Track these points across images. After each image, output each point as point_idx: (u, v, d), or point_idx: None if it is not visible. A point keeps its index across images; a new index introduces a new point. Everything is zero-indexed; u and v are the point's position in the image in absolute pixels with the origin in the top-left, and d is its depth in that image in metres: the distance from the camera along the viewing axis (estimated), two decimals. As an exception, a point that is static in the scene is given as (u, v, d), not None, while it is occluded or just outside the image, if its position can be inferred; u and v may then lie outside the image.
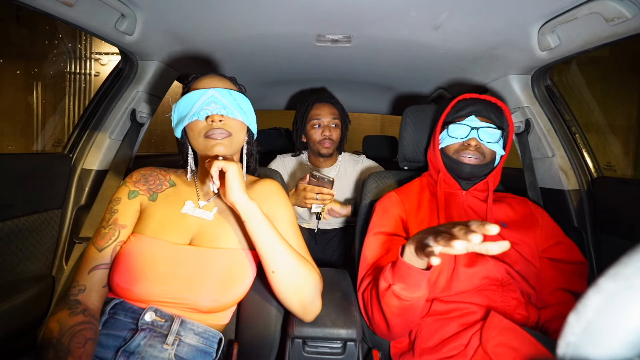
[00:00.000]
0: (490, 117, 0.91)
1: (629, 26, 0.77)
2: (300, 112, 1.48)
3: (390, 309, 0.72)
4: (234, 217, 0.81)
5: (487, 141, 0.90)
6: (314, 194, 1.16)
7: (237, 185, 0.71)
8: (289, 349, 0.80)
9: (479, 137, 0.90)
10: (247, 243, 0.80)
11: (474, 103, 0.93)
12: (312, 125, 1.44)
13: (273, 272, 0.72)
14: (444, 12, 0.92)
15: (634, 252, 0.26)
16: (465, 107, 0.93)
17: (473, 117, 0.91)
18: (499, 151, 0.92)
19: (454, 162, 0.93)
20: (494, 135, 0.90)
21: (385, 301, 0.72)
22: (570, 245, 0.90)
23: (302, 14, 0.96)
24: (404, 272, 0.66)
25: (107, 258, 0.73)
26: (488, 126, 0.90)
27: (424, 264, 0.64)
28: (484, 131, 0.90)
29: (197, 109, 0.76)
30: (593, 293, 0.27)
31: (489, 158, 0.92)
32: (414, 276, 0.65)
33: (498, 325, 0.74)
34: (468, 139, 0.91)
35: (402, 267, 0.66)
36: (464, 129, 0.91)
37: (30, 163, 1.03)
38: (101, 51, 4.34)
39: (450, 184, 0.96)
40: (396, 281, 0.68)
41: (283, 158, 1.59)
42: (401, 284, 0.68)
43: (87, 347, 0.62)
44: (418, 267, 0.64)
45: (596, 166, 1.17)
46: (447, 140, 0.94)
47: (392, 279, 0.69)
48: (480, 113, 0.91)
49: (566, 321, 0.28)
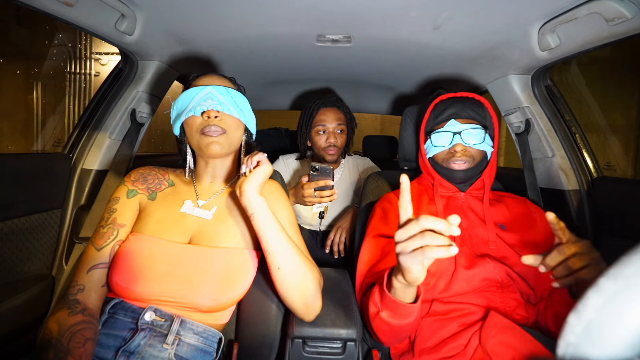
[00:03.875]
0: (470, 116, 0.88)
1: (629, 26, 0.77)
2: (305, 116, 1.44)
3: (381, 331, 0.72)
4: (233, 216, 0.81)
5: (473, 143, 0.88)
6: (312, 190, 1.12)
7: (259, 179, 0.73)
8: (289, 348, 0.80)
9: (463, 140, 0.87)
10: (247, 242, 0.80)
11: (452, 104, 0.90)
12: (317, 131, 1.40)
13: (279, 268, 0.72)
14: (444, 12, 0.92)
15: (634, 252, 0.26)
16: (444, 111, 0.90)
17: (453, 121, 0.88)
18: (487, 149, 0.90)
19: (444, 169, 0.92)
20: (478, 135, 0.88)
21: (375, 325, 0.71)
22: None
23: (302, 14, 0.96)
24: (390, 305, 0.64)
25: (106, 257, 0.73)
26: (471, 127, 0.87)
27: (413, 293, 0.62)
28: (468, 133, 0.87)
29: (194, 105, 0.76)
30: (593, 293, 0.27)
31: (478, 159, 0.90)
32: (402, 309, 0.64)
33: (497, 324, 0.74)
34: (453, 145, 0.88)
35: (388, 300, 0.64)
36: (447, 135, 0.89)
37: (30, 163, 1.03)
38: (101, 51, 4.34)
39: (447, 188, 0.95)
40: (384, 309, 0.66)
41: (286, 159, 1.56)
42: (389, 312, 0.66)
43: (87, 346, 0.62)
44: (406, 300, 0.63)
45: (596, 166, 1.17)
46: (432, 150, 0.93)
47: (381, 305, 0.67)
48: (459, 115, 0.89)
49: (566, 321, 0.28)
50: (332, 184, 1.11)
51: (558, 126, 1.18)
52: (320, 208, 1.46)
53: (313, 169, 1.11)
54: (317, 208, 1.46)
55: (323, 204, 1.39)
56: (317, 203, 1.16)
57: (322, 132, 1.40)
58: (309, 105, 1.43)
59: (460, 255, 0.83)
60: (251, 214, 0.72)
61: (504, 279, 0.82)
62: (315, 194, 1.11)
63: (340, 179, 1.50)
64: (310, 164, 1.51)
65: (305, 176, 1.16)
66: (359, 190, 1.51)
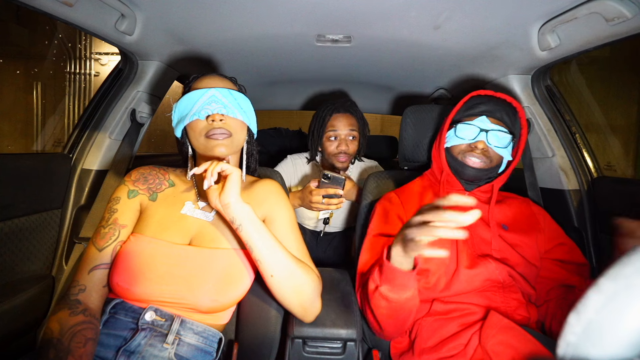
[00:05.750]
0: (502, 119, 0.86)
1: (629, 26, 0.77)
2: (317, 120, 1.38)
3: (379, 310, 0.73)
4: None
5: (496, 145, 0.86)
6: (321, 197, 1.10)
7: (236, 189, 0.71)
8: (289, 349, 0.80)
9: (488, 140, 0.86)
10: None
11: (486, 102, 0.88)
12: (328, 137, 1.35)
13: (272, 276, 0.72)
14: (444, 12, 0.92)
15: (634, 252, 0.26)
16: (477, 106, 0.88)
17: (484, 118, 0.86)
18: (506, 156, 0.88)
19: (458, 163, 0.90)
20: (503, 139, 0.86)
21: (374, 302, 0.73)
22: (572, 246, 0.90)
23: (302, 14, 0.96)
24: (389, 274, 0.67)
25: (107, 258, 0.73)
26: (499, 129, 0.85)
27: (410, 263, 0.65)
28: (494, 134, 0.86)
29: (198, 109, 0.76)
30: (593, 293, 0.27)
31: (495, 162, 0.88)
32: (399, 278, 0.66)
33: (497, 324, 0.74)
34: (476, 141, 0.86)
35: (387, 270, 0.67)
36: (473, 129, 0.87)
37: (30, 163, 1.03)
38: (101, 51, 4.34)
39: (453, 185, 0.94)
40: (383, 283, 0.69)
41: (294, 159, 1.51)
42: (388, 285, 0.68)
43: (88, 346, 0.62)
44: (404, 268, 0.65)
45: (596, 166, 1.17)
46: (453, 140, 0.90)
47: (380, 280, 0.70)
48: (492, 114, 0.86)
49: (566, 321, 0.28)
50: (342, 193, 1.10)
51: (558, 126, 1.18)
52: (326, 214, 1.45)
53: (325, 176, 1.10)
54: (323, 214, 1.45)
55: (329, 211, 1.37)
56: (323, 210, 1.16)
57: (334, 139, 1.35)
58: (322, 109, 1.38)
59: (462, 255, 0.83)
60: (238, 225, 0.71)
61: (506, 279, 0.82)
62: (323, 201, 1.10)
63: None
64: (320, 168, 1.49)
65: (314, 181, 1.15)
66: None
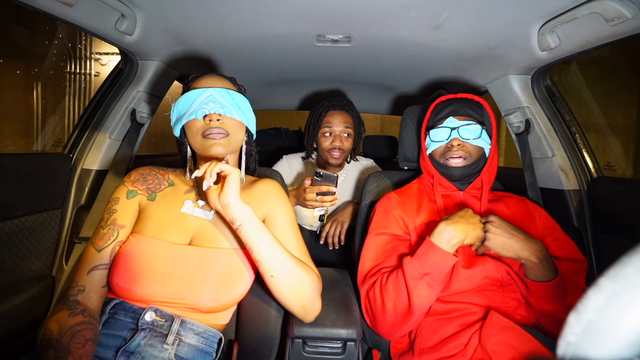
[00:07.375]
0: (468, 113, 0.92)
1: (629, 26, 0.77)
2: (313, 116, 1.42)
3: (420, 300, 0.75)
4: None
5: (469, 137, 0.91)
6: (314, 194, 1.13)
7: (235, 189, 0.71)
8: (289, 349, 0.80)
9: (460, 135, 0.90)
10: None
11: (451, 104, 0.94)
12: (323, 133, 1.39)
13: (272, 276, 0.72)
14: (444, 12, 0.92)
15: (634, 252, 0.26)
16: (443, 110, 0.94)
17: (451, 118, 0.92)
18: (484, 146, 0.92)
19: (443, 167, 0.94)
20: (475, 131, 0.91)
21: (418, 292, 0.75)
22: (567, 242, 0.90)
23: (302, 14, 0.96)
24: (435, 257, 0.74)
25: (107, 258, 0.73)
26: (467, 123, 0.91)
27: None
28: (464, 129, 0.91)
29: (195, 108, 0.76)
30: (593, 293, 0.27)
31: (475, 156, 0.92)
32: (444, 260, 0.74)
33: (497, 324, 0.74)
34: (450, 139, 0.91)
35: (434, 254, 0.75)
36: (444, 131, 0.92)
37: (30, 163, 1.03)
38: (101, 51, 4.34)
39: (446, 187, 0.96)
40: (428, 270, 0.75)
41: (290, 159, 1.54)
42: (433, 272, 0.75)
43: (87, 347, 0.62)
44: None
45: (596, 166, 1.17)
46: (431, 146, 0.96)
47: (422, 267, 0.75)
48: (457, 112, 0.92)
49: (566, 321, 0.28)
50: (335, 190, 1.12)
51: (558, 126, 1.18)
52: (321, 211, 1.46)
53: (317, 174, 1.12)
54: (318, 211, 1.46)
55: (324, 208, 1.39)
56: (318, 207, 1.17)
57: (328, 135, 1.39)
58: (318, 107, 1.42)
59: (459, 255, 0.83)
60: (238, 225, 0.71)
61: (504, 277, 0.82)
62: (317, 199, 1.12)
63: (342, 182, 1.50)
64: (313, 166, 1.51)
65: (308, 179, 1.16)
66: (357, 189, 1.51)
